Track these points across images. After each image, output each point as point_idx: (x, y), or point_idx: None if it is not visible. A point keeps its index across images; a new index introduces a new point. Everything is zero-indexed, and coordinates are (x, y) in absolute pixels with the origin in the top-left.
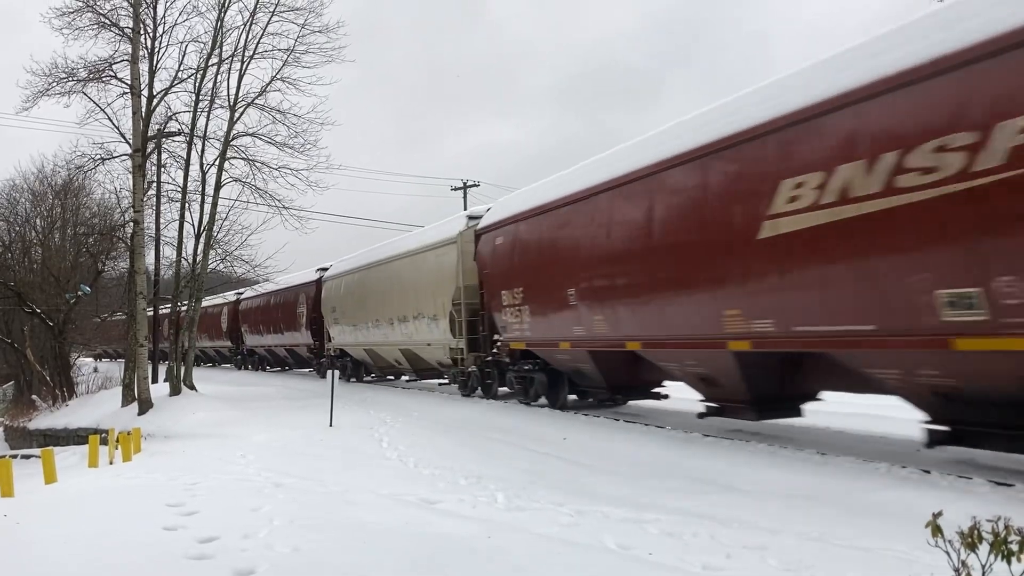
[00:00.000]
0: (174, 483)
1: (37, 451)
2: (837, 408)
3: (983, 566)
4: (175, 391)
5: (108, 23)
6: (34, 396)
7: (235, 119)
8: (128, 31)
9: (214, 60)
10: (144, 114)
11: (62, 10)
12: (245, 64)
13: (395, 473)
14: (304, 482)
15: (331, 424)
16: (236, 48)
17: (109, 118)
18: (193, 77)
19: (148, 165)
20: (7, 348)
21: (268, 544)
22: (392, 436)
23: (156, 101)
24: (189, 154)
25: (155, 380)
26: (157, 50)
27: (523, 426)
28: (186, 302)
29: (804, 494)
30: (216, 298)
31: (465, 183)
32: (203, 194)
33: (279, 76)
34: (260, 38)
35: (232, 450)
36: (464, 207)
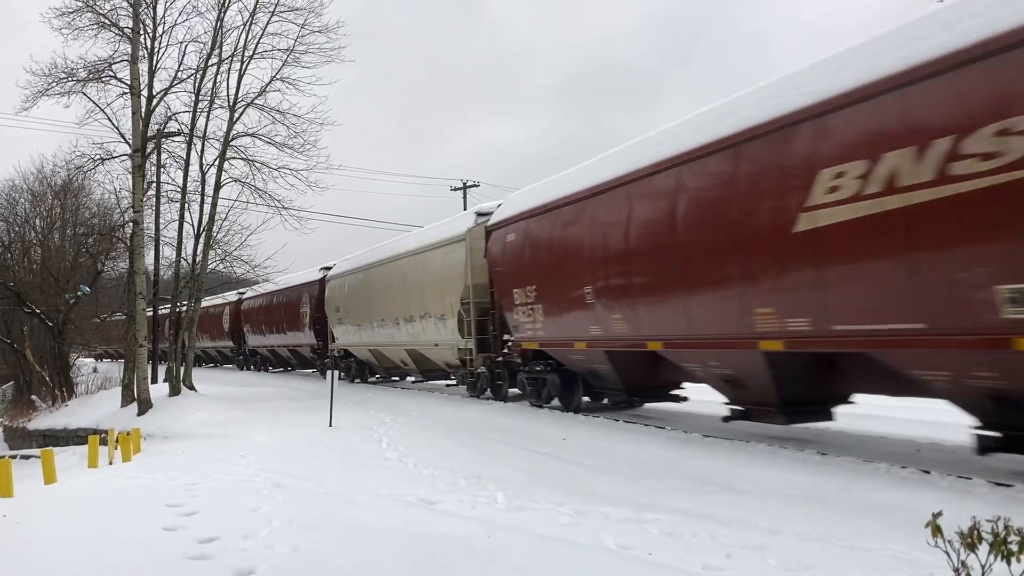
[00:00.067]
0: (174, 483)
1: (37, 451)
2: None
3: (983, 566)
4: (175, 391)
5: (108, 23)
6: (33, 396)
7: (235, 119)
8: (128, 31)
9: (214, 60)
10: (144, 114)
11: (62, 10)
12: (245, 64)
13: (395, 473)
14: (304, 482)
15: (331, 424)
16: (236, 48)
17: (109, 118)
18: (193, 77)
19: (148, 165)
20: (7, 348)
21: (268, 544)
22: (392, 436)
23: (156, 101)
24: (189, 154)
25: (155, 380)
26: (157, 50)
27: (523, 426)
28: (186, 302)
29: (804, 494)
30: (218, 298)
31: (465, 183)
32: (203, 194)
33: (279, 76)
34: (260, 38)
35: (232, 450)
36: (464, 207)
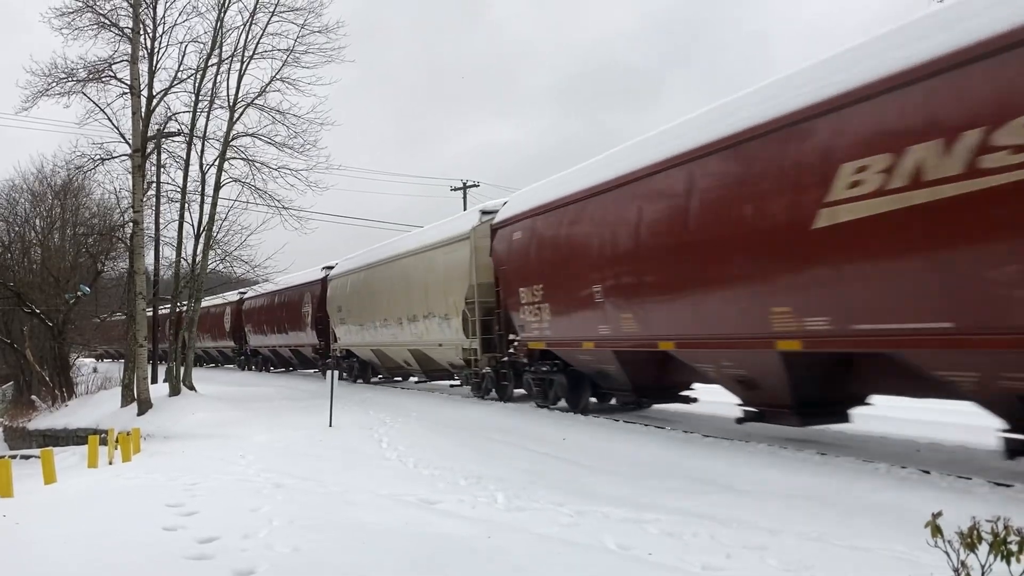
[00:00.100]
0: (174, 483)
1: (36, 451)
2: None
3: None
4: (174, 391)
5: (108, 23)
6: (33, 396)
7: (235, 119)
8: (128, 31)
9: (214, 60)
10: (144, 114)
11: (62, 10)
12: (245, 64)
13: (395, 473)
14: (304, 482)
15: (331, 424)
16: (236, 48)
17: (109, 118)
18: (193, 77)
19: (148, 165)
20: (7, 348)
21: (268, 544)
22: (392, 436)
23: (156, 101)
24: (189, 154)
25: (155, 380)
26: (157, 50)
27: (523, 426)
28: (186, 302)
29: (804, 494)
30: (219, 297)
31: (465, 183)
32: (203, 194)
33: (279, 76)
34: (260, 38)
35: (232, 450)
36: (464, 207)
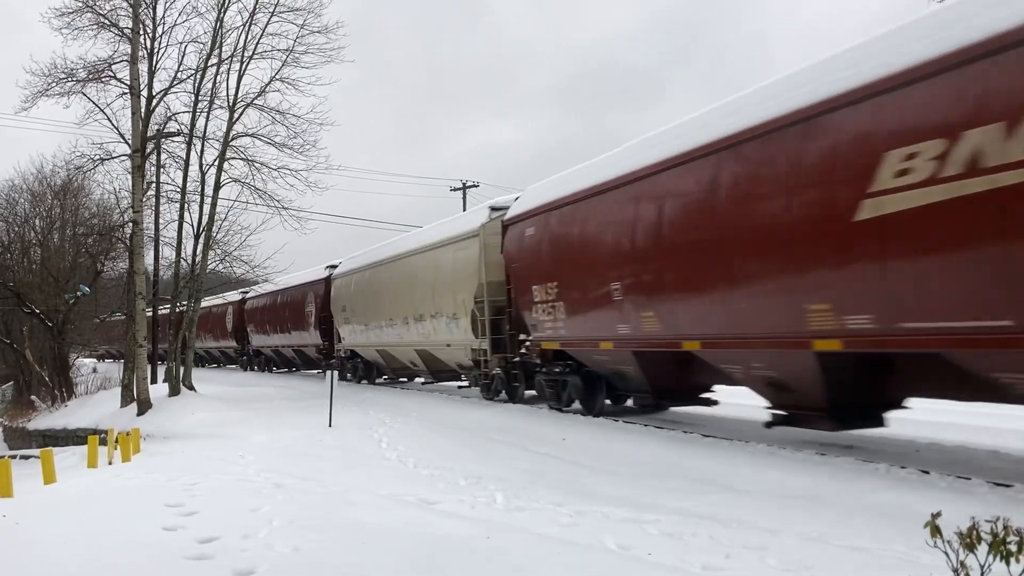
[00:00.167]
0: (173, 483)
1: (36, 451)
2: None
3: (981, 566)
4: (174, 392)
5: (108, 23)
6: (33, 396)
7: (234, 119)
8: (127, 31)
9: (213, 60)
10: (143, 114)
11: (62, 10)
12: (244, 64)
13: (394, 473)
14: (304, 482)
15: (330, 425)
16: (235, 48)
17: (108, 118)
18: (192, 77)
19: (147, 165)
20: (6, 348)
21: (268, 544)
22: (392, 436)
23: (155, 101)
24: (188, 154)
25: (154, 381)
26: (156, 50)
27: (523, 426)
28: (185, 302)
29: (803, 494)
30: (221, 297)
31: (464, 183)
32: (202, 194)
33: (278, 76)
34: (259, 38)
35: (232, 450)
36: (463, 207)
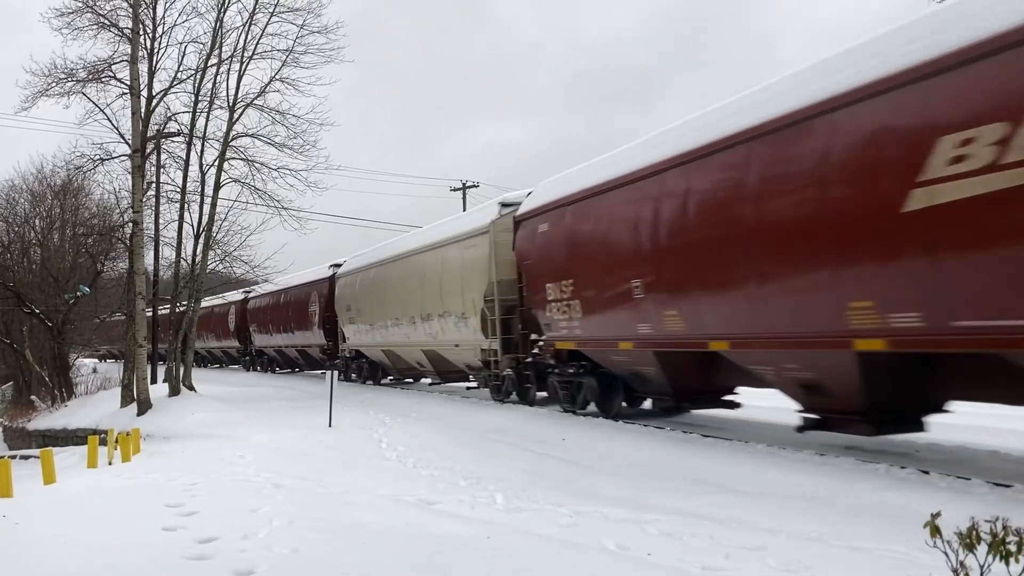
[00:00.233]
0: (173, 483)
1: (36, 452)
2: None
3: (981, 567)
4: (174, 392)
5: (108, 23)
6: (33, 397)
7: (234, 120)
8: (127, 32)
9: (213, 61)
10: (143, 115)
11: (62, 10)
12: (244, 65)
13: (394, 474)
14: (303, 483)
15: (330, 425)
16: (235, 49)
17: (108, 119)
18: (192, 78)
19: (147, 166)
20: (6, 348)
21: (267, 545)
22: (391, 437)
23: (155, 102)
24: (188, 155)
25: (154, 381)
26: (156, 51)
27: (523, 426)
28: (185, 302)
29: (803, 494)
30: (223, 297)
31: (464, 184)
32: (202, 195)
33: (278, 76)
34: (259, 39)
35: (231, 450)
36: (463, 208)
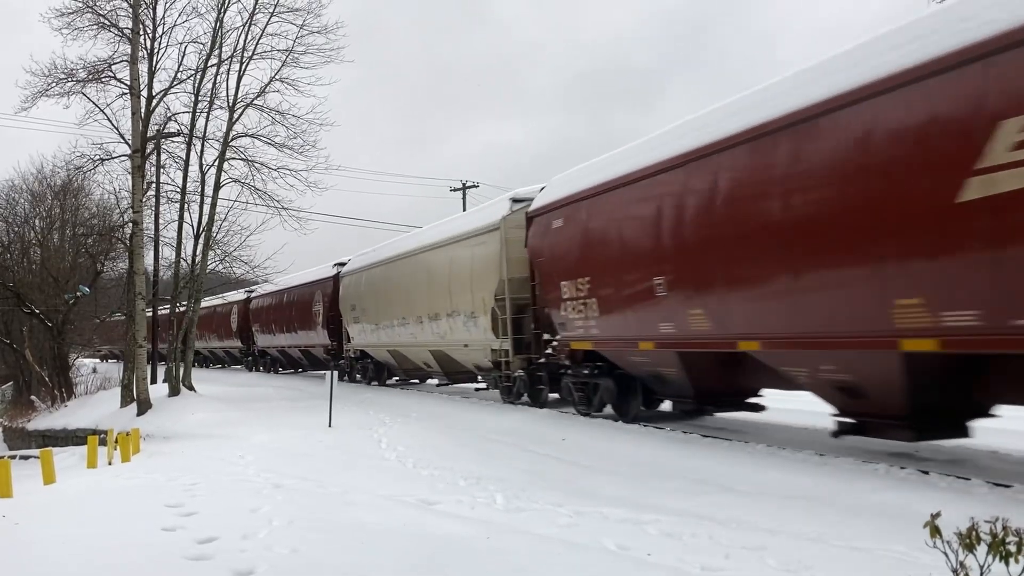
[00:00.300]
0: (173, 484)
1: (36, 452)
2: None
3: (981, 567)
4: (174, 392)
5: (108, 24)
6: (33, 397)
7: (234, 120)
8: (127, 32)
9: (213, 61)
10: (143, 115)
11: (62, 10)
12: (244, 65)
13: (394, 474)
14: (303, 483)
15: (330, 425)
16: (235, 49)
17: (108, 119)
18: (192, 78)
19: (147, 166)
20: (6, 348)
21: (267, 545)
22: (391, 437)
23: (155, 102)
24: (188, 155)
25: (154, 381)
26: (156, 51)
27: (522, 427)
28: (185, 302)
29: (803, 494)
30: (224, 297)
31: (464, 184)
32: (202, 195)
33: (278, 77)
34: (259, 39)
35: (231, 451)
36: (463, 208)
